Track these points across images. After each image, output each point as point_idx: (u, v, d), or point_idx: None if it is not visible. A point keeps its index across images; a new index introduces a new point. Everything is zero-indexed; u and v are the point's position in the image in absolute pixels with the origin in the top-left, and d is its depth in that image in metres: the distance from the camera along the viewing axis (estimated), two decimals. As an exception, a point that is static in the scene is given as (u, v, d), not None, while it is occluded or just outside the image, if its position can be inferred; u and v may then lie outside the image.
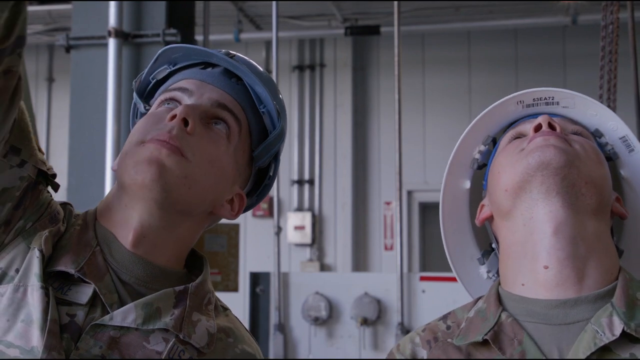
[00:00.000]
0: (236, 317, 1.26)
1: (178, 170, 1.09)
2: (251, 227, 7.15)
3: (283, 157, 1.36)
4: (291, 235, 7.11)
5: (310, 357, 4.03)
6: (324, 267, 7.17)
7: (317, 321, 4.00)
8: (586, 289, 1.12)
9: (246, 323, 4.16)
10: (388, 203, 7.07)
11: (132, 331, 1.05)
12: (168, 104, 1.18)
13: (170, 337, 1.07)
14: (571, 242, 1.13)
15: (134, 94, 1.28)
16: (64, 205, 1.17)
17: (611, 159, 1.28)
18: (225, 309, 1.25)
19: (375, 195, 7.20)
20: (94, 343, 1.02)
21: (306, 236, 7.13)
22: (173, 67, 1.24)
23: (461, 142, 1.32)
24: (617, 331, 1.07)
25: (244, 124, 1.20)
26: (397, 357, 1.23)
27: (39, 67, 7.92)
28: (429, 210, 7.18)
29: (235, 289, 4.43)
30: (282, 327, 4.04)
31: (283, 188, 7.10)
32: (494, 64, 6.90)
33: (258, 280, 4.20)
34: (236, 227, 4.47)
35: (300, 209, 7.27)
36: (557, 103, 1.28)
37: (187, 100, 1.17)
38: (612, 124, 1.26)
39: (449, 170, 1.34)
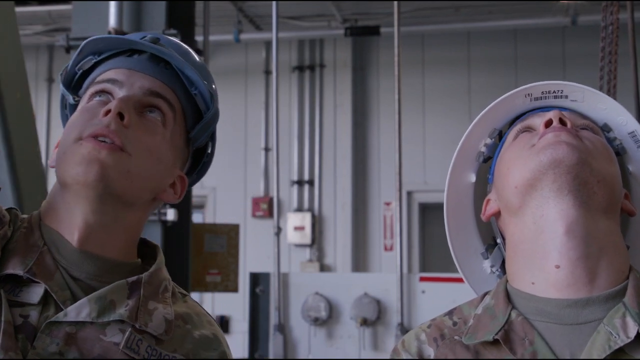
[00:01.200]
0: (196, 303, 1.26)
1: (120, 166, 1.11)
2: (251, 228, 7.15)
3: (282, 157, 1.36)
4: (291, 235, 7.11)
5: (310, 358, 4.03)
6: (323, 268, 7.17)
7: (316, 321, 4.00)
8: (598, 288, 1.10)
9: (246, 323, 4.17)
10: (388, 203, 7.07)
11: (88, 325, 1.06)
12: (99, 96, 1.18)
13: (126, 328, 1.08)
14: (583, 241, 1.11)
15: (61, 86, 1.27)
16: (9, 209, 1.17)
17: (619, 154, 1.25)
18: (184, 295, 1.25)
19: (375, 195, 7.20)
20: (51, 341, 1.03)
21: (306, 237, 7.13)
22: (98, 57, 1.22)
23: (468, 135, 1.30)
24: (632, 333, 1.05)
25: (178, 108, 1.21)
26: (403, 355, 1.19)
27: (39, 68, 7.92)
28: (428, 211, 7.18)
29: (235, 289, 4.42)
30: (282, 328, 4.04)
31: (283, 188, 7.10)
32: (494, 64, 6.90)
33: (258, 280, 4.20)
34: (236, 228, 4.47)
35: (300, 209, 7.27)
36: (566, 97, 1.25)
37: (118, 91, 1.17)
38: (621, 119, 1.24)
39: (455, 162, 1.32)
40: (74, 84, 1.26)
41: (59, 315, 1.05)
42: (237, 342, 6.43)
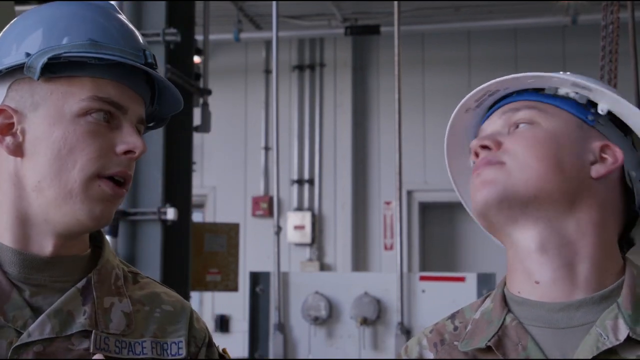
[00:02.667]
0: (148, 278, 1.26)
1: (120, 201, 1.15)
2: (251, 227, 7.15)
3: (282, 157, 1.36)
4: (291, 235, 7.11)
5: (310, 357, 4.03)
6: (323, 267, 7.16)
7: (316, 321, 4.00)
8: (587, 290, 1.09)
9: (246, 323, 4.17)
10: (388, 203, 7.07)
11: (54, 339, 1.07)
12: (103, 116, 1.09)
13: (89, 332, 1.09)
14: (557, 254, 1.09)
15: (30, 59, 1.07)
16: None
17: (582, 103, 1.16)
18: (136, 274, 1.24)
19: (375, 195, 7.19)
20: None
21: (306, 236, 7.13)
22: (95, 53, 1.08)
23: (448, 164, 1.31)
24: (622, 336, 1.03)
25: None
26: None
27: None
28: (428, 210, 7.18)
29: (235, 288, 4.43)
30: (282, 327, 4.04)
31: (283, 188, 7.10)
32: (494, 63, 6.90)
33: (258, 280, 4.20)
34: (236, 227, 4.47)
35: (300, 208, 7.26)
36: (498, 91, 1.21)
37: (121, 117, 1.11)
38: (555, 80, 1.16)
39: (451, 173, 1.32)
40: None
41: (22, 337, 1.05)
42: (237, 341, 6.42)
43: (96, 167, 1.08)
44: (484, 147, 1.14)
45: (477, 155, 1.16)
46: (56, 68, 1.07)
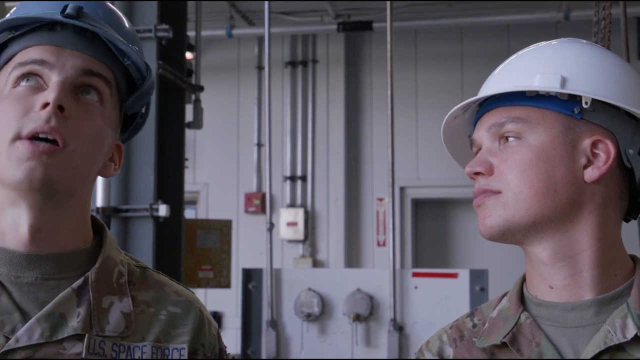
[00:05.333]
0: (160, 274, 1.21)
1: (64, 165, 1.05)
2: (243, 224, 7.14)
3: (275, 153, 1.34)
4: (284, 231, 7.11)
5: (303, 354, 4.03)
6: (316, 263, 7.16)
7: (309, 317, 4.00)
8: (597, 292, 1.13)
9: (238, 319, 4.16)
10: (380, 199, 7.07)
11: (44, 345, 1.03)
12: (27, 80, 1.07)
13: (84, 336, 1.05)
14: (565, 265, 1.14)
15: None
16: None
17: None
18: (145, 269, 1.20)
19: (367, 191, 7.19)
20: None
21: (299, 232, 7.13)
22: (15, 32, 1.10)
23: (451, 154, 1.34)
24: (630, 334, 1.08)
25: (112, 81, 1.13)
26: (426, 355, 1.24)
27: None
28: (421, 207, 7.18)
29: (227, 285, 4.42)
30: (275, 324, 4.04)
31: (275, 184, 7.09)
32: (487, 59, 6.89)
33: (250, 276, 4.19)
34: (228, 224, 4.47)
35: (292, 205, 7.26)
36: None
37: (48, 74, 1.07)
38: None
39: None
40: None
41: (10, 343, 1.01)
42: (230, 338, 6.41)
43: (13, 131, 1.04)
44: (478, 172, 1.17)
45: (473, 178, 1.19)
46: None
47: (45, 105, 1.04)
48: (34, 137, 1.03)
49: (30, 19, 1.09)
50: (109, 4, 1.19)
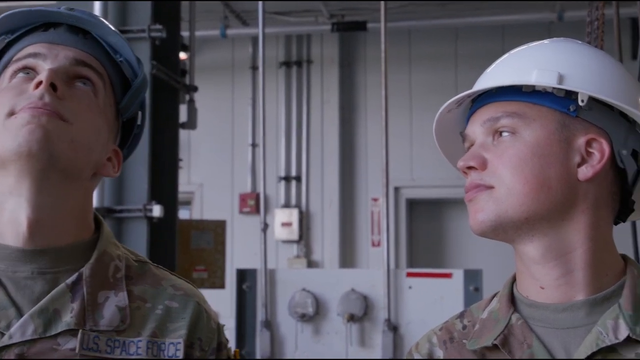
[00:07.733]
0: (160, 268, 1.21)
1: (63, 135, 1.05)
2: (238, 224, 7.14)
3: (270, 153, 1.34)
4: (278, 231, 7.10)
5: (297, 354, 4.03)
6: (311, 264, 7.16)
7: (303, 318, 4.00)
8: (588, 293, 1.12)
9: (233, 320, 4.16)
10: (375, 199, 7.07)
11: (38, 341, 1.03)
12: (23, 73, 1.11)
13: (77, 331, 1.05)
14: (557, 264, 1.12)
15: None
16: None
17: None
18: (144, 263, 1.19)
19: (362, 191, 7.20)
20: None
21: (293, 233, 7.12)
22: (12, 35, 1.15)
23: (442, 150, 1.34)
24: (622, 336, 1.07)
25: (106, 77, 1.16)
26: (415, 356, 1.23)
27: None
28: (416, 207, 7.18)
29: (222, 285, 4.41)
30: (269, 324, 4.03)
31: (270, 184, 7.08)
32: (481, 60, 6.84)
33: (245, 277, 4.19)
34: (223, 224, 4.46)
35: (287, 205, 7.26)
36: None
37: (42, 64, 1.10)
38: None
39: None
40: None
41: (3, 339, 1.01)
42: (224, 338, 6.41)
43: (7, 108, 1.06)
44: (471, 167, 1.16)
45: (465, 172, 1.18)
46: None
47: (39, 84, 1.06)
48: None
49: (22, 13, 1.14)
50: (96, 14, 1.23)
